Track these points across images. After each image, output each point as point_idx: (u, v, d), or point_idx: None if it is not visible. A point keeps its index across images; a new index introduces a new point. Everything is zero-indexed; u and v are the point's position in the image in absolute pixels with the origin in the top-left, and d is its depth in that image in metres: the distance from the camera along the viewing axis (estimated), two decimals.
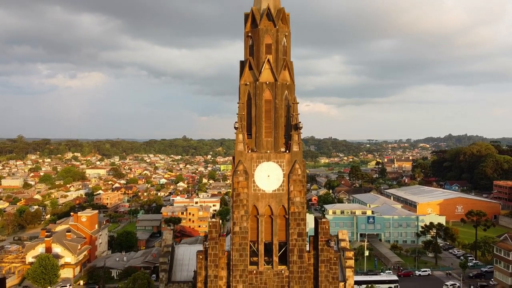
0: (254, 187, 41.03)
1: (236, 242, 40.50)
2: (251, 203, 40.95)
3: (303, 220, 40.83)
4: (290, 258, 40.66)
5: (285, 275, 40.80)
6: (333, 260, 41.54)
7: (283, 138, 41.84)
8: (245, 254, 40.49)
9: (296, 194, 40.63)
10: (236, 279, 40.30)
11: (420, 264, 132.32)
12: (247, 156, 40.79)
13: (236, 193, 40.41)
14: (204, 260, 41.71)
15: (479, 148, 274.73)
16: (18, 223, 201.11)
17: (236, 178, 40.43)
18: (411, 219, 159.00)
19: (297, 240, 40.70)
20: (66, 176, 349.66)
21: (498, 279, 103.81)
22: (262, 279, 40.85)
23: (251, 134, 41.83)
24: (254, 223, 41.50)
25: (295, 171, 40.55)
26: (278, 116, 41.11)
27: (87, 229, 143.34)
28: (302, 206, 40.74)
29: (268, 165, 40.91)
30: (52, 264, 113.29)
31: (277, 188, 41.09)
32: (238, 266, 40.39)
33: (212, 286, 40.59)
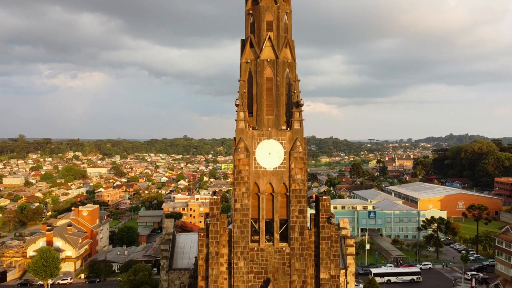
0: (255, 164, 41.08)
1: (237, 219, 40.56)
2: (252, 181, 41.00)
3: (304, 197, 40.87)
4: (291, 235, 40.69)
5: (286, 252, 40.83)
6: (334, 238, 41.54)
7: (284, 116, 41.90)
8: (246, 231, 40.53)
9: (297, 171, 40.67)
10: (237, 256, 40.34)
11: (421, 258, 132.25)
12: (248, 133, 40.83)
13: (237, 170, 40.46)
14: (205, 237, 41.75)
15: (480, 145, 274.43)
16: (19, 220, 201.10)
17: (237, 156, 40.48)
18: (412, 214, 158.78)
19: (298, 217, 40.73)
20: (67, 175, 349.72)
21: (499, 271, 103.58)
22: (263, 256, 40.88)
23: (252, 113, 41.90)
24: (255, 201, 41.56)
25: (296, 149, 40.58)
26: (279, 93, 41.17)
27: (88, 223, 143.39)
28: (303, 184, 40.79)
29: (269, 142, 40.95)
30: (53, 256, 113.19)
31: (278, 166, 41.13)
32: (239, 243, 40.43)
33: (213, 263, 40.62)
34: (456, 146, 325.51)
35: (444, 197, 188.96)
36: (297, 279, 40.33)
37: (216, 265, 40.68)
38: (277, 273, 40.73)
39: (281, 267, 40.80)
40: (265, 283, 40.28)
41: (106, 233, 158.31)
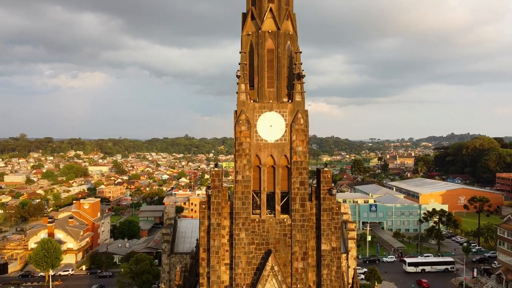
0: (256, 137, 41.13)
1: (239, 190, 40.63)
2: (253, 153, 41.05)
3: (305, 169, 40.93)
4: (292, 207, 40.75)
5: (287, 224, 40.89)
6: (335, 210, 41.58)
7: (286, 89, 41.95)
8: (248, 202, 40.60)
9: (299, 143, 40.72)
10: (238, 227, 40.41)
11: (422, 250, 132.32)
12: (249, 106, 40.90)
13: (239, 142, 40.53)
14: (207, 209, 41.83)
15: (481, 142, 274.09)
16: (20, 215, 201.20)
17: (239, 128, 40.53)
18: (414, 208, 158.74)
19: (299, 189, 40.79)
20: (69, 173, 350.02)
21: (501, 261, 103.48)
22: (264, 227, 40.94)
23: (254, 86, 41.96)
24: (256, 173, 41.61)
25: (297, 121, 40.63)
26: (280, 65, 41.24)
27: (89, 216, 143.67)
28: (305, 156, 40.84)
29: (271, 115, 41.01)
30: (54, 247, 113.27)
31: (280, 138, 41.18)
32: (241, 214, 40.51)
33: (215, 234, 40.68)
34: (458, 143, 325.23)
35: (446, 192, 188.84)
36: (298, 250, 40.37)
37: (217, 237, 40.74)
38: (278, 244, 40.79)
39: (282, 239, 40.86)
40: (266, 254, 40.34)
41: (108, 227, 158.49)
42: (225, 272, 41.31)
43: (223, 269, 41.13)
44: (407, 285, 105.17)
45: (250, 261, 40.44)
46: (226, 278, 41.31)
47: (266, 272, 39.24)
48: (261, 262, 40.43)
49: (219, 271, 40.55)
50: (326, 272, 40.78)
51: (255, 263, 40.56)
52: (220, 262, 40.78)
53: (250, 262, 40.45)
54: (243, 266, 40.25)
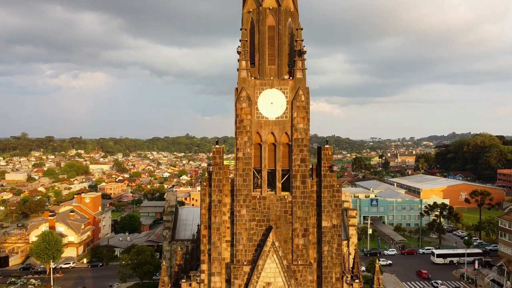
0: (257, 114, 41.19)
1: (240, 167, 40.67)
2: (254, 130, 41.10)
3: (306, 147, 40.94)
4: (293, 184, 40.78)
5: (288, 201, 40.92)
6: (336, 187, 41.57)
7: (287, 66, 42.00)
8: (249, 179, 40.64)
9: (300, 120, 40.75)
10: (239, 204, 40.45)
11: (423, 244, 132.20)
12: (250, 82, 40.94)
13: (240, 119, 40.56)
14: (208, 187, 41.88)
15: (483, 139, 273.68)
16: (21, 212, 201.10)
17: (239, 105, 40.57)
18: (415, 202, 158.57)
19: (300, 166, 40.82)
20: (70, 171, 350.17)
21: (503, 252, 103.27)
22: (265, 204, 40.98)
23: (254, 63, 41.99)
24: (257, 151, 41.66)
25: (298, 98, 40.66)
26: (281, 43, 41.28)
27: (90, 210, 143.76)
28: (305, 133, 40.86)
29: (271, 92, 41.05)
30: (55, 239, 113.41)
31: (281, 115, 41.22)
32: (242, 191, 40.54)
33: (216, 210, 40.73)
34: (459, 140, 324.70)
35: (447, 188, 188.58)
36: (299, 227, 40.40)
37: (218, 213, 40.79)
38: (279, 221, 40.83)
39: (283, 215, 40.90)
40: (267, 231, 40.38)
41: (109, 221, 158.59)
42: (226, 249, 41.38)
43: (224, 246, 41.18)
44: (408, 276, 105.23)
45: (251, 238, 40.49)
46: (227, 255, 41.38)
47: (267, 248, 39.28)
48: (262, 238, 40.49)
49: (220, 248, 40.59)
50: (327, 248, 40.81)
51: (256, 240, 40.61)
52: (221, 239, 40.82)
53: (251, 238, 40.50)
54: (244, 243, 40.29)
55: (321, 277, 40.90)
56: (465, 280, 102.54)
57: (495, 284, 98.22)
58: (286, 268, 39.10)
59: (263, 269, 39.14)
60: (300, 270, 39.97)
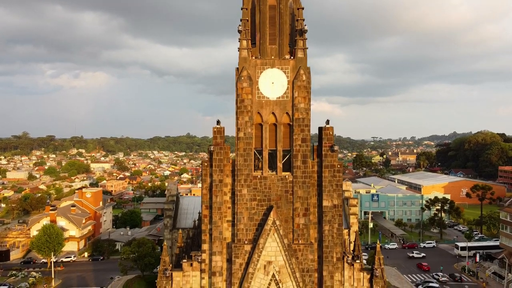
0: (258, 94, 41.20)
1: (241, 147, 40.68)
2: (255, 110, 41.12)
3: (307, 126, 40.95)
4: (294, 164, 40.79)
5: (289, 180, 40.93)
6: (337, 168, 41.55)
7: (288, 46, 42.01)
8: (250, 159, 40.65)
9: (301, 100, 40.75)
10: (240, 184, 40.45)
11: (424, 238, 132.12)
12: (251, 62, 40.95)
13: (240, 99, 40.57)
14: (209, 167, 41.90)
15: (484, 136, 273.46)
16: (22, 208, 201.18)
17: (240, 84, 40.59)
18: (416, 197, 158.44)
19: (301, 146, 40.83)
20: (71, 169, 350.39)
21: (504, 244, 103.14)
22: (266, 184, 40.99)
23: (255, 43, 42.00)
24: (258, 131, 41.68)
25: (299, 77, 40.66)
26: (282, 22, 41.30)
27: (91, 205, 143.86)
28: (307, 113, 40.87)
29: (272, 71, 41.06)
30: (56, 233, 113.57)
31: (282, 95, 41.22)
32: (243, 171, 40.55)
33: (217, 190, 40.75)
34: (460, 138, 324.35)
35: (448, 184, 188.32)
36: (299, 206, 40.40)
37: (219, 193, 40.82)
38: (280, 200, 40.84)
39: (284, 195, 40.91)
40: (268, 211, 40.38)
41: (110, 217, 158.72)
42: (227, 229, 41.41)
43: (225, 226, 41.22)
44: (409, 269, 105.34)
45: (252, 217, 40.51)
46: (228, 235, 41.40)
47: (268, 227, 39.29)
48: (263, 218, 40.51)
49: (221, 227, 40.62)
50: (328, 228, 40.82)
51: (257, 219, 40.64)
52: (222, 218, 40.86)
53: (252, 218, 40.52)
54: (245, 222, 40.32)
55: (322, 257, 40.91)
56: (467, 272, 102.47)
57: (497, 277, 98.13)
58: (287, 246, 39.10)
59: (264, 248, 39.15)
60: (301, 249, 39.99)
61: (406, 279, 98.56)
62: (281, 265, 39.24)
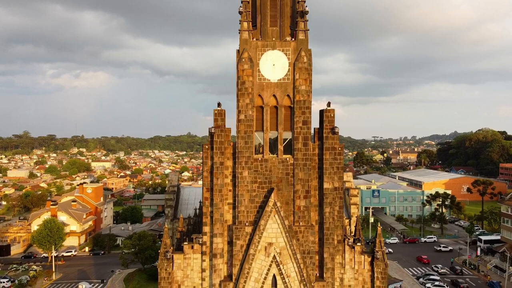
0: (259, 76, 41.11)
1: (242, 130, 40.59)
2: (256, 93, 41.02)
3: (308, 109, 40.85)
4: (294, 146, 40.70)
5: (289, 163, 40.84)
6: (338, 150, 41.46)
7: (289, 29, 41.93)
8: (250, 141, 40.56)
9: (302, 82, 40.65)
10: (241, 166, 40.36)
11: (425, 233, 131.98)
12: (252, 44, 40.87)
13: (241, 81, 40.49)
14: (209, 150, 41.82)
15: (485, 134, 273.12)
16: (23, 205, 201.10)
17: (241, 66, 40.50)
18: (417, 193, 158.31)
19: (302, 128, 40.72)
20: (72, 168, 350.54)
21: (505, 238, 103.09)
22: (267, 166, 40.91)
23: (256, 25, 41.93)
24: (259, 114, 41.60)
25: (300, 59, 40.57)
26: (283, 4, 41.22)
27: (92, 200, 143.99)
28: (308, 95, 40.78)
29: (273, 53, 40.97)
30: (57, 227, 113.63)
31: (283, 77, 41.12)
32: (244, 153, 40.46)
33: (218, 172, 40.69)
34: (461, 136, 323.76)
35: (449, 180, 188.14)
36: (300, 189, 40.31)
37: (220, 175, 40.75)
38: (280, 183, 40.76)
39: (285, 178, 40.83)
40: (269, 193, 40.27)
41: (111, 212, 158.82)
42: (228, 212, 41.35)
43: (226, 208, 41.15)
44: (409, 263, 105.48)
45: (253, 199, 40.44)
46: (229, 218, 41.34)
47: (269, 208, 39.20)
48: (264, 200, 40.42)
49: (222, 209, 40.56)
50: (329, 210, 40.75)
51: (258, 201, 40.56)
52: (223, 200, 40.79)
53: (253, 200, 40.45)
54: (245, 204, 40.24)
55: (322, 239, 40.82)
56: (467, 266, 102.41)
57: (498, 270, 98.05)
58: (288, 228, 39.02)
59: (265, 229, 39.05)
60: (302, 231, 39.92)
61: (407, 272, 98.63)
62: (282, 247, 39.16)
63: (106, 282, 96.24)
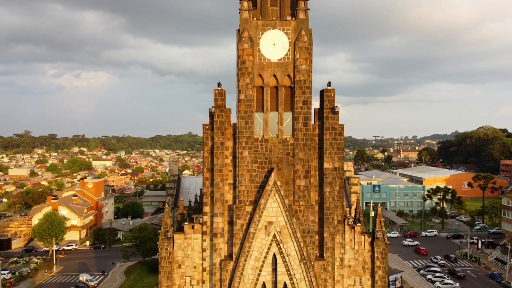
0: (259, 56, 41.15)
1: (242, 109, 40.61)
2: (256, 72, 41.05)
3: (308, 88, 40.89)
4: (295, 126, 40.72)
5: (290, 143, 40.86)
6: (338, 130, 41.45)
7: (289, 9, 42.00)
8: (251, 121, 40.58)
9: (302, 62, 40.68)
10: (242, 146, 40.38)
11: (426, 227, 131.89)
12: (252, 23, 40.90)
13: (241, 60, 40.52)
14: (210, 130, 41.83)
15: (486, 132, 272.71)
16: (24, 202, 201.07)
17: (241, 45, 40.53)
18: (417, 189, 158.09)
19: (302, 108, 40.76)
20: (73, 166, 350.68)
21: (506, 230, 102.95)
22: (267, 146, 40.93)
23: (257, 6, 41.95)
24: (259, 94, 41.63)
25: (301, 38, 40.60)
26: None
27: (93, 195, 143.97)
28: (308, 74, 40.81)
29: (274, 33, 41.01)
30: (58, 220, 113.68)
31: (283, 57, 41.16)
32: (244, 133, 40.49)
33: (218, 152, 40.70)
34: (462, 133, 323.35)
35: (450, 177, 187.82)
36: (300, 168, 40.32)
37: (221, 155, 40.78)
38: (281, 163, 40.79)
39: (285, 158, 40.85)
40: (269, 173, 40.29)
41: (111, 208, 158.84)
42: (229, 192, 41.37)
43: (226, 189, 41.19)
44: (409, 256, 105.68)
45: (253, 179, 40.45)
46: (230, 198, 41.36)
47: (269, 187, 39.21)
48: (264, 180, 40.46)
49: (222, 189, 40.57)
50: (329, 190, 40.75)
51: (258, 181, 40.59)
52: (224, 181, 40.81)
53: (253, 180, 40.47)
54: (246, 184, 40.25)
55: (322, 219, 40.83)
56: (468, 258, 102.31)
57: (499, 262, 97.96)
58: (288, 207, 39.02)
59: (265, 208, 39.07)
60: (302, 210, 39.91)
61: (407, 264, 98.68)
62: (282, 226, 39.16)
63: (107, 274, 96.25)
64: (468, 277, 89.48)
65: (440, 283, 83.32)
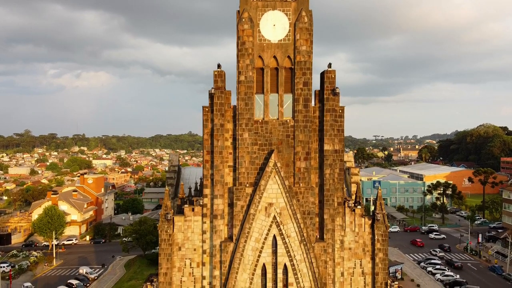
0: (259, 37, 40.94)
1: (242, 91, 40.41)
2: (256, 54, 40.84)
3: (309, 70, 40.66)
4: (295, 108, 40.50)
5: (290, 125, 40.66)
6: (339, 112, 41.25)
7: None
8: (251, 103, 40.37)
9: (303, 43, 40.47)
10: (242, 128, 40.16)
11: (426, 222, 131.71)
12: (252, 4, 40.69)
13: (241, 41, 40.32)
14: (210, 112, 41.63)
15: (486, 129, 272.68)
16: (24, 199, 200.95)
17: (241, 26, 40.33)
18: (418, 184, 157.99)
19: (303, 89, 40.54)
20: (73, 165, 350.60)
21: (507, 223, 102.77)
22: (267, 128, 40.73)
23: None
24: (259, 76, 41.42)
25: (301, 19, 40.40)
26: None
27: (93, 191, 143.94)
28: (308, 56, 40.58)
29: (274, 13, 40.80)
30: (58, 214, 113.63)
31: (283, 38, 40.93)
32: (244, 115, 40.27)
33: (218, 134, 40.50)
34: (462, 131, 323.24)
35: (450, 173, 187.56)
36: (301, 150, 40.12)
37: (221, 137, 40.58)
38: (281, 145, 40.58)
39: (285, 139, 40.65)
40: (269, 155, 40.07)
41: (112, 204, 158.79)
42: (229, 174, 41.17)
43: (226, 171, 40.98)
44: (410, 249, 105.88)
45: (253, 161, 40.25)
46: (230, 180, 41.16)
47: (269, 169, 39.02)
48: (264, 162, 40.24)
49: (222, 171, 40.38)
50: (329, 171, 40.56)
51: (258, 163, 40.39)
52: (224, 163, 40.62)
53: (253, 162, 40.27)
54: (246, 166, 40.05)
55: (322, 201, 40.62)
56: (469, 252, 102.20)
57: (500, 256, 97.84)
58: (288, 188, 38.82)
59: (265, 190, 38.86)
60: (302, 192, 39.71)
61: (408, 257, 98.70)
62: (282, 207, 38.97)
63: (107, 267, 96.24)
64: (468, 269, 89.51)
65: (440, 275, 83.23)
